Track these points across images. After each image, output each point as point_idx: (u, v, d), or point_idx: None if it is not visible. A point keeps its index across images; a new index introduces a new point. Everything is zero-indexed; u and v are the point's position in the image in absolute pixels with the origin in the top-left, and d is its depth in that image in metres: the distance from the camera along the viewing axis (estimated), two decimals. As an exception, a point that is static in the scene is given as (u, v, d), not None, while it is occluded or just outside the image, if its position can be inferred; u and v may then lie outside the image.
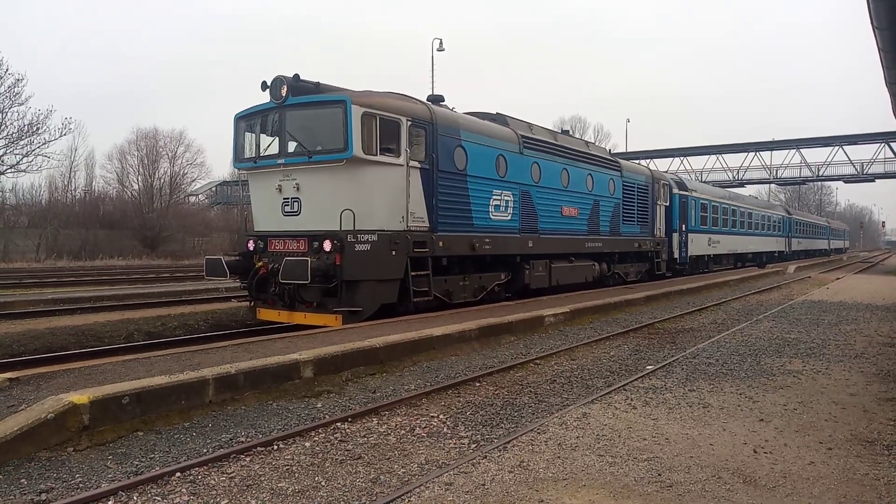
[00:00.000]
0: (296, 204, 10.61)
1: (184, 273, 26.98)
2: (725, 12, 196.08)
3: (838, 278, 27.46)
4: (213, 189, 66.62)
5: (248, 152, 11.44)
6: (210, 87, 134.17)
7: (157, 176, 53.57)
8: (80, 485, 4.41)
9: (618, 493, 4.20)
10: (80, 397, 5.23)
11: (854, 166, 49.33)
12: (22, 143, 35.25)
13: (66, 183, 51.42)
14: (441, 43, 34.97)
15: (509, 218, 13.69)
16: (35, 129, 35.04)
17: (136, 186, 53.68)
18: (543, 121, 18.92)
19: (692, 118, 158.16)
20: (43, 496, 4.22)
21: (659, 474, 4.52)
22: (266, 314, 10.98)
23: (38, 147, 35.81)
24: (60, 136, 36.63)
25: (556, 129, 18.16)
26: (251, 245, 11.09)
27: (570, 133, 21.74)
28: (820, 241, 59.94)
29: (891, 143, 44.73)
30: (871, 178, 49.78)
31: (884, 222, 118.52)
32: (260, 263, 10.69)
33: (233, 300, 13.68)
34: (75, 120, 56.47)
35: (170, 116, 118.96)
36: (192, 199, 62.64)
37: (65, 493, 4.26)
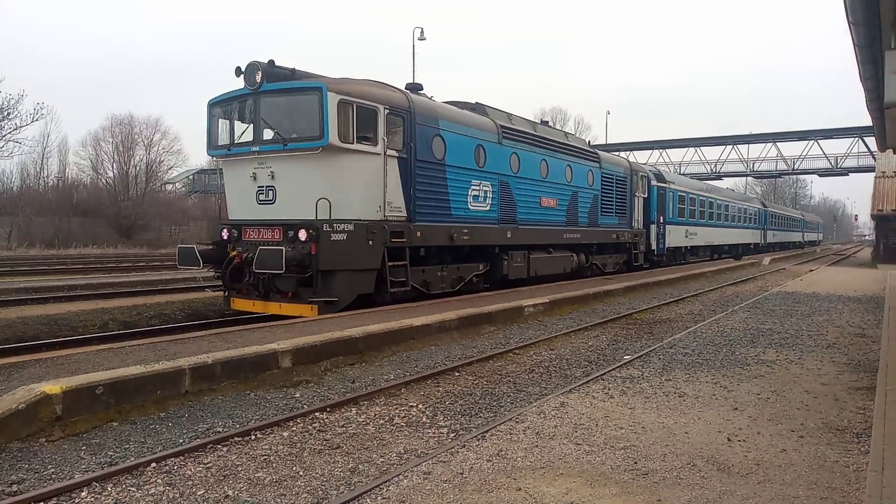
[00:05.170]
0: (270, 192, 10.50)
1: (160, 262, 26.64)
2: (710, 5, 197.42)
3: (812, 270, 27.93)
4: (191, 177, 65.73)
5: (222, 139, 11.27)
6: (188, 72, 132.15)
7: (132, 163, 52.75)
8: (53, 476, 4.35)
9: (595, 480, 4.24)
10: (52, 387, 5.15)
11: (829, 160, 50.08)
12: (-8, 128, 34.54)
13: (38, 170, 50.60)
14: (422, 32, 34.72)
15: (488, 208, 13.69)
16: (6, 114, 34.37)
17: (110, 174, 52.94)
18: (524, 112, 18.97)
19: (671, 111, 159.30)
20: (14, 487, 4.15)
21: (635, 462, 4.57)
22: (240, 304, 10.87)
23: (9, 132, 35.19)
24: (32, 121, 36.05)
25: (536, 121, 18.16)
26: (225, 234, 10.95)
27: (551, 124, 21.77)
28: (795, 233, 60.85)
29: (864, 138, 45.39)
30: (845, 171, 50.58)
31: (856, 216, 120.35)
32: (234, 252, 10.57)
33: (207, 290, 13.53)
34: (47, 105, 55.41)
35: (146, 103, 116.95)
36: (169, 187, 61.81)
37: (37, 485, 4.20)
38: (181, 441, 5.05)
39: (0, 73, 41.56)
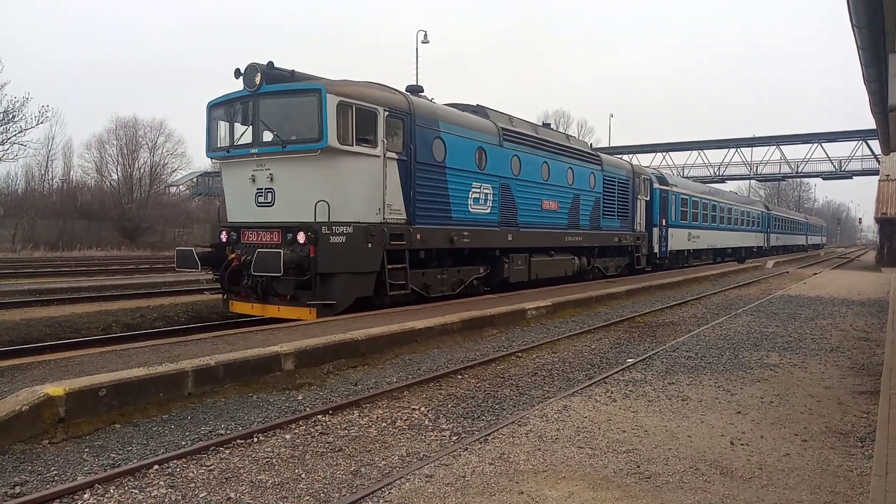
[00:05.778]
0: (269, 194, 10.50)
1: (164, 264, 26.66)
2: (713, 8, 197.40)
3: (815, 273, 27.86)
4: (195, 180, 65.85)
5: (222, 141, 11.27)
6: (193, 75, 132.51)
7: (136, 166, 52.87)
8: (56, 478, 4.35)
9: (597, 484, 4.23)
10: (55, 389, 5.16)
11: (832, 163, 49.95)
12: (-3, 131, 34.65)
13: (43, 172, 50.83)
14: (426, 35, 34.76)
15: (488, 211, 13.67)
16: (11, 116, 34.47)
17: (115, 176, 53.06)
18: (527, 115, 18.95)
19: (675, 114, 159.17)
20: (17, 489, 4.16)
21: (638, 466, 4.56)
22: (239, 307, 10.85)
23: (14, 135, 35.24)
24: (37, 124, 36.04)
25: (538, 123, 18.16)
26: (224, 236, 10.94)
27: (554, 127, 21.76)
28: (798, 236, 60.74)
29: (868, 141, 45.29)
30: (849, 175, 50.43)
31: (860, 219, 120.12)
32: (232, 255, 10.57)
33: (206, 292, 13.53)
34: (52, 108, 55.65)
35: (150, 105, 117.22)
36: (173, 189, 61.93)
37: (39, 487, 4.21)
38: (183, 443, 5.05)
39: (5, 77, 41.91)
